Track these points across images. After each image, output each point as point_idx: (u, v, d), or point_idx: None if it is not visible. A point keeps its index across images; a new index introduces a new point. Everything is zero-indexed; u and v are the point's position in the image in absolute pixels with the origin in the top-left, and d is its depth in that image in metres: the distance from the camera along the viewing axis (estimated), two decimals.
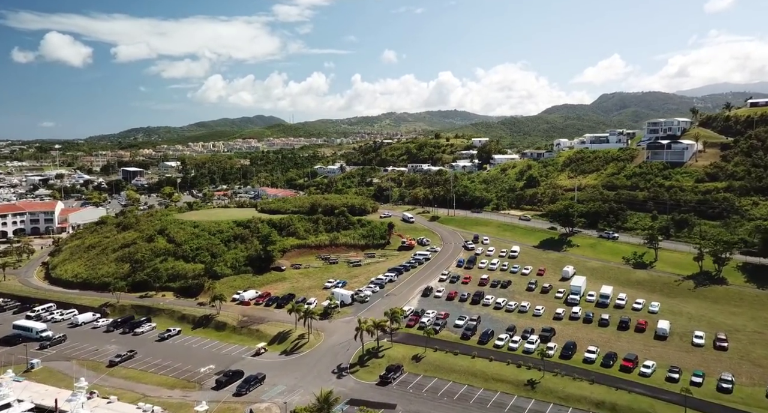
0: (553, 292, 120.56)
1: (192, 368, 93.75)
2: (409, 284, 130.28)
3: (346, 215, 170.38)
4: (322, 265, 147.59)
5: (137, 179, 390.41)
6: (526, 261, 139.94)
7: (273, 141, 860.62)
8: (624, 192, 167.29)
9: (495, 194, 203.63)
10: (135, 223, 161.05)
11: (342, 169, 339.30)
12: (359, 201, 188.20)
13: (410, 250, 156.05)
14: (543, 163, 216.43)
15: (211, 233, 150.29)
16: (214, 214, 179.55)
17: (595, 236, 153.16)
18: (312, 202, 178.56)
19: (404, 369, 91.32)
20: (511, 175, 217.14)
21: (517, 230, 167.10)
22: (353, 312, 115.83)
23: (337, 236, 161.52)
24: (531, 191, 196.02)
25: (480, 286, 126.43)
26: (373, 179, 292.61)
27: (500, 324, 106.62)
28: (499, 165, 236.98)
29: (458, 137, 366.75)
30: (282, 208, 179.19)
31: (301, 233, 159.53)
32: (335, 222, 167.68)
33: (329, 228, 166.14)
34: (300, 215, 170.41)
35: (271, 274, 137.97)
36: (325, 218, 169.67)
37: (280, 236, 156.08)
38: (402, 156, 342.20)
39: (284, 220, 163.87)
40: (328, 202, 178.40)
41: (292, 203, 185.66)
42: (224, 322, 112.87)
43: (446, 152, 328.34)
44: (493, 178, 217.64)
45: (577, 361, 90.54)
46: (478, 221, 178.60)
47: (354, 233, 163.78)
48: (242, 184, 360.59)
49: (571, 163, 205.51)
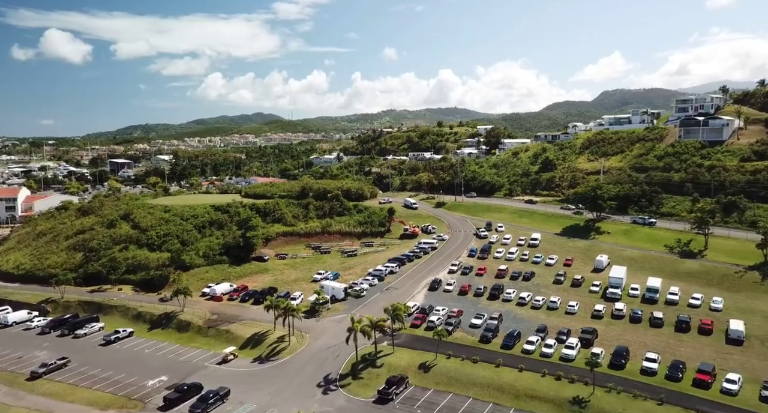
0: (586, 285, 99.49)
1: (138, 380, 72.77)
2: (414, 276, 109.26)
3: (340, 200, 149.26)
4: (312, 255, 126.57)
5: (124, 171, 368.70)
6: (549, 250, 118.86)
7: (270, 137, 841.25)
8: (656, 174, 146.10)
9: (507, 179, 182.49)
10: (98, 207, 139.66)
11: (339, 159, 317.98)
12: (356, 185, 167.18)
13: (414, 238, 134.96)
14: (559, 146, 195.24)
15: (183, 219, 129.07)
16: (192, 199, 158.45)
17: (627, 221, 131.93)
18: (302, 186, 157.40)
19: (409, 382, 70.42)
20: (523, 159, 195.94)
21: (536, 216, 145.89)
22: (346, 308, 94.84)
23: (330, 222, 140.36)
24: (547, 175, 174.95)
25: (498, 278, 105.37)
26: (372, 168, 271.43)
27: (527, 324, 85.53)
28: (509, 149, 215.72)
29: (462, 125, 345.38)
30: (268, 192, 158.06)
31: (288, 219, 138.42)
32: (328, 207, 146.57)
33: (321, 214, 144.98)
34: (288, 200, 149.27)
35: (252, 265, 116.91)
36: (316, 202, 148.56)
37: (264, 223, 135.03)
38: (403, 145, 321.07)
39: (269, 205, 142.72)
40: (321, 185, 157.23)
41: (280, 187, 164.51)
42: (188, 321, 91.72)
43: (450, 140, 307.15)
44: (504, 162, 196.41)
45: (632, 372, 69.50)
46: (490, 208, 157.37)
47: (349, 220, 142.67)
48: (234, 175, 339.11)
49: (591, 145, 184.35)
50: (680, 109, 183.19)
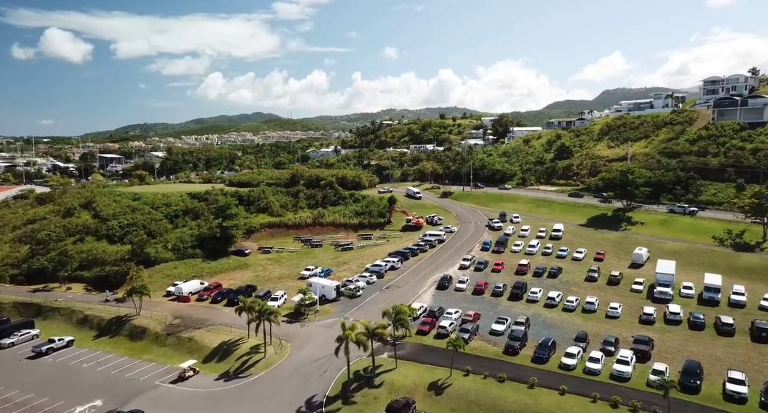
0: (626, 283, 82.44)
1: (62, 407, 55.59)
2: (419, 272, 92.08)
3: (334, 188, 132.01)
4: (301, 249, 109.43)
5: (112, 165, 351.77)
6: (575, 243, 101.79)
7: (269, 134, 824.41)
8: (690, 159, 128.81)
9: (519, 168, 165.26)
10: (58, 195, 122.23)
11: (337, 151, 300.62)
12: (353, 173, 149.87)
13: (418, 230, 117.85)
14: (575, 132, 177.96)
15: (154, 207, 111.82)
16: (170, 187, 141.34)
17: (663, 211, 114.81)
18: (292, 173, 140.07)
19: (417, 408, 53.31)
20: (536, 146, 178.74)
21: (555, 206, 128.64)
22: (338, 311, 77.71)
23: (323, 212, 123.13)
24: (564, 162, 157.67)
25: (518, 275, 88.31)
26: (371, 160, 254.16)
27: (561, 330, 68.40)
28: (520, 137, 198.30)
29: (466, 117, 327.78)
30: (254, 180, 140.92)
31: (275, 208, 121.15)
32: (320, 196, 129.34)
33: (313, 204, 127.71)
34: (275, 188, 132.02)
35: (230, 260, 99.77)
36: (307, 191, 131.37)
37: (247, 212, 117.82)
38: (404, 137, 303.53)
39: (254, 193, 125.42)
40: (313, 173, 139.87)
41: (268, 174, 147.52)
42: (143, 327, 74.42)
43: (453, 132, 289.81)
44: (515, 150, 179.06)
45: (712, 397, 52.22)
46: (503, 197, 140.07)
47: (345, 210, 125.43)
48: (226, 169, 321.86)
49: (610, 131, 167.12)
50: (709, 91, 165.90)
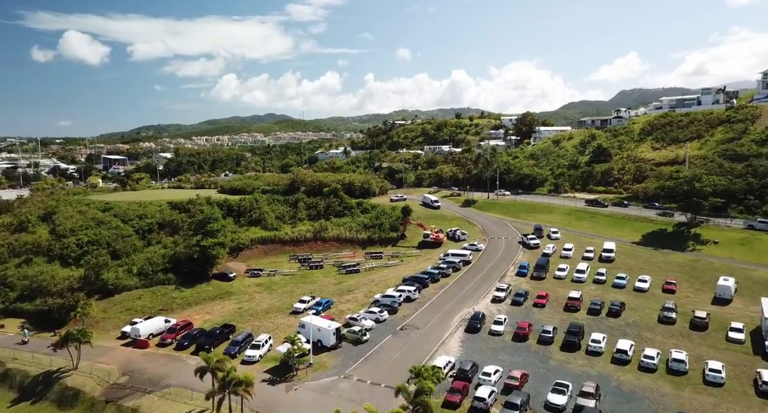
0: (717, 328, 62.09)
1: None
2: (441, 306, 72.38)
3: (339, 196, 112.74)
4: (298, 271, 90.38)
5: (115, 167, 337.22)
6: (633, 268, 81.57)
7: (280, 135, 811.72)
8: (762, 163, 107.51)
9: (551, 172, 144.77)
10: (18, 205, 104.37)
11: (346, 153, 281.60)
12: (361, 178, 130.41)
13: (437, 248, 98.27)
14: (611, 132, 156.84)
15: (125, 220, 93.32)
16: (152, 194, 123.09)
17: (738, 226, 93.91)
18: (292, 178, 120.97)
19: None
20: (567, 148, 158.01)
21: (599, 218, 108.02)
22: (339, 364, 58.23)
23: (326, 225, 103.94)
24: (602, 166, 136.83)
25: (569, 312, 68.44)
26: (383, 162, 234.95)
27: (646, 407, 48.33)
28: (547, 138, 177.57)
29: (484, 116, 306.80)
30: (248, 186, 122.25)
31: (269, 220, 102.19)
32: (323, 206, 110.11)
33: (314, 215, 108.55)
34: (271, 196, 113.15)
35: (209, 286, 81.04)
36: (308, 199, 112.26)
37: (236, 226, 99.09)
38: (417, 138, 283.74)
39: (246, 202, 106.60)
40: (315, 178, 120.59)
41: (264, 179, 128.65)
42: (77, 389, 55.44)
43: (470, 132, 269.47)
44: (545, 152, 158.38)
45: None
46: (535, 207, 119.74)
47: (351, 222, 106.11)
48: (231, 171, 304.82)
49: (654, 130, 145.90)
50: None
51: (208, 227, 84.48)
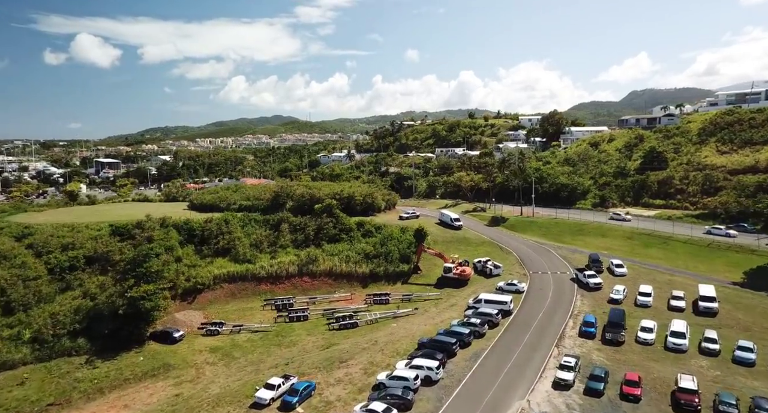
0: None
1: None
2: (478, 398, 46.39)
3: (335, 215, 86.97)
4: (273, 324, 64.92)
5: (105, 171, 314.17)
6: (750, 326, 55.58)
7: (285, 137, 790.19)
8: None
9: (593, 181, 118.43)
10: None
11: (350, 156, 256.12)
12: (362, 191, 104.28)
13: (463, 287, 72.51)
14: (662, 132, 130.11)
15: (41, 252, 68.27)
16: (107, 211, 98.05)
17: None
18: (276, 191, 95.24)
19: None
20: (609, 151, 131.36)
21: (675, 246, 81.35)
22: None
23: (315, 255, 78.21)
24: (658, 174, 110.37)
25: (682, 410, 42.46)
26: (390, 167, 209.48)
27: None
28: (582, 140, 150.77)
29: (499, 116, 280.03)
30: (223, 201, 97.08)
31: (241, 249, 76.72)
32: (313, 228, 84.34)
33: (301, 240, 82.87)
34: (248, 215, 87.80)
35: (142, 354, 55.85)
36: (295, 219, 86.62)
37: (198, 257, 73.92)
38: (427, 140, 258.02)
39: (213, 223, 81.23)
40: (306, 191, 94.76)
41: (244, 193, 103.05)
42: None
43: (486, 133, 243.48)
44: (582, 156, 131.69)
45: None
46: (583, 228, 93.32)
47: (349, 250, 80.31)
48: (227, 175, 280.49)
49: (718, 130, 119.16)
50: None
51: (145, 267, 59.34)
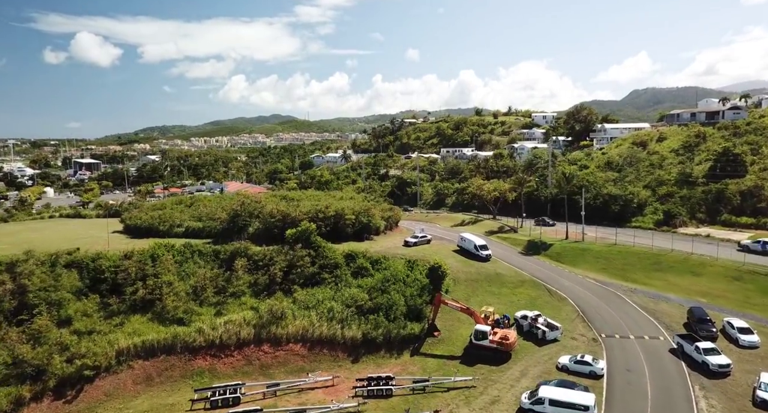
0: None
1: None
2: None
3: (313, 245, 60.31)
4: None
5: (81, 173, 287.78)
6: None
7: (282, 136, 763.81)
8: None
9: (650, 192, 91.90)
10: None
11: (346, 157, 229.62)
12: (356, 206, 77.08)
13: (504, 362, 45.92)
14: (729, 129, 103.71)
15: None
16: (3, 235, 71.51)
17: None
18: (234, 209, 68.31)
19: None
20: (663, 153, 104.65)
21: None
22: None
23: (282, 309, 51.60)
24: (738, 183, 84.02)
25: None
26: (390, 169, 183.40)
27: None
28: (622, 139, 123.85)
29: (510, 114, 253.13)
30: (166, 221, 70.47)
31: (170, 302, 50.23)
32: (281, 265, 57.58)
33: (264, 284, 56.16)
34: (192, 245, 61.13)
35: None
36: (257, 251, 59.85)
37: (102, 314, 47.50)
38: (431, 139, 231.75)
39: (133, 260, 54.57)
40: (274, 208, 67.94)
41: (198, 210, 76.25)
42: None
43: (496, 132, 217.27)
44: (629, 159, 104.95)
45: None
46: (659, 260, 66.39)
47: (334, 301, 53.70)
48: (211, 178, 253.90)
49: None
50: None
51: None
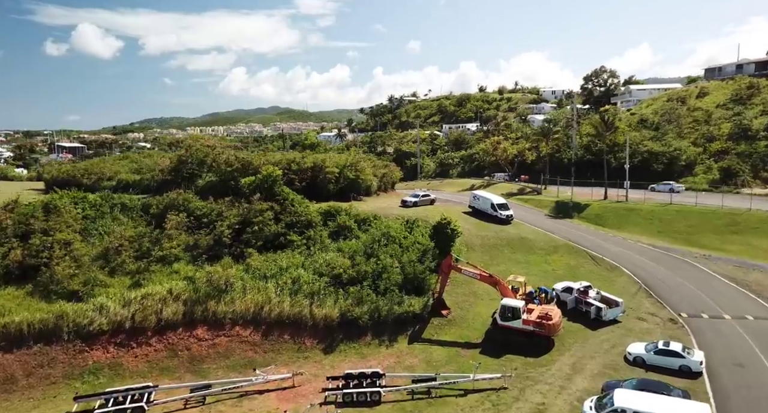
0: None
1: None
2: None
3: (279, 197, 44.33)
4: None
5: (63, 156, 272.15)
6: None
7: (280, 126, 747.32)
8: None
9: (701, 148, 75.82)
10: None
11: (341, 136, 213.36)
12: (341, 159, 60.82)
13: (546, 352, 30.17)
14: None
15: None
16: None
17: None
18: (179, 156, 52.34)
19: None
20: (708, 108, 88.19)
21: None
22: None
23: (224, 276, 35.81)
24: None
25: None
26: (387, 148, 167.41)
27: None
28: (651, 99, 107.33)
29: (516, 90, 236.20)
30: (93, 174, 54.61)
31: (62, 269, 34.33)
32: (230, 224, 41.55)
33: (206, 247, 40.28)
34: (112, 197, 45.28)
35: None
36: (200, 205, 43.90)
37: None
38: (432, 117, 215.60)
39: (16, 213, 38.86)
40: (231, 156, 51.95)
41: (137, 163, 60.42)
42: None
43: (501, 108, 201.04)
44: (668, 115, 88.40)
45: None
46: (735, 220, 50.85)
47: (303, 268, 37.92)
48: None
49: None
50: None
51: None
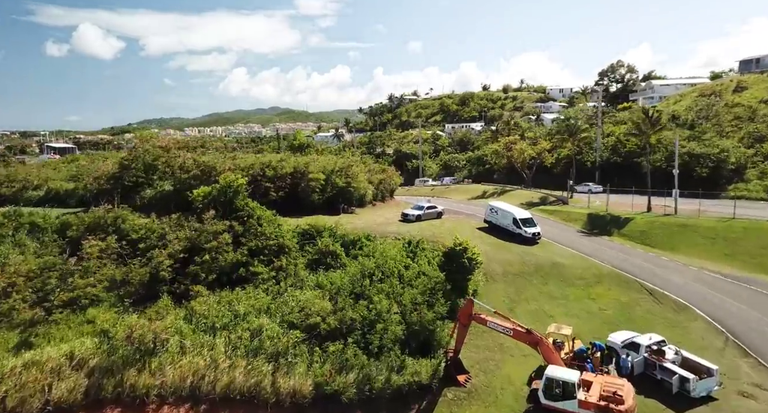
0: None
1: None
2: None
3: (241, 214, 33.71)
4: None
5: (51, 156, 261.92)
6: None
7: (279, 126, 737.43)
8: None
9: (753, 150, 65.42)
10: None
11: (338, 136, 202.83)
12: (330, 163, 50.03)
13: None
14: None
15: None
16: None
17: None
18: (122, 160, 41.51)
19: None
20: (750, 104, 77.81)
21: None
22: None
23: (153, 330, 25.31)
24: None
25: None
26: (387, 148, 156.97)
27: None
28: (679, 94, 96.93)
29: (521, 88, 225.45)
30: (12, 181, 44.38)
31: None
32: (173, 252, 30.88)
33: (138, 286, 29.63)
34: (18, 212, 34.73)
35: None
36: (138, 226, 33.24)
37: None
38: (434, 116, 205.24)
39: None
40: (187, 158, 41.04)
41: (82, 168, 49.98)
42: None
43: (507, 107, 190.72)
44: (705, 112, 77.91)
45: None
46: None
47: (265, 317, 27.41)
48: None
49: None
50: None
51: None
